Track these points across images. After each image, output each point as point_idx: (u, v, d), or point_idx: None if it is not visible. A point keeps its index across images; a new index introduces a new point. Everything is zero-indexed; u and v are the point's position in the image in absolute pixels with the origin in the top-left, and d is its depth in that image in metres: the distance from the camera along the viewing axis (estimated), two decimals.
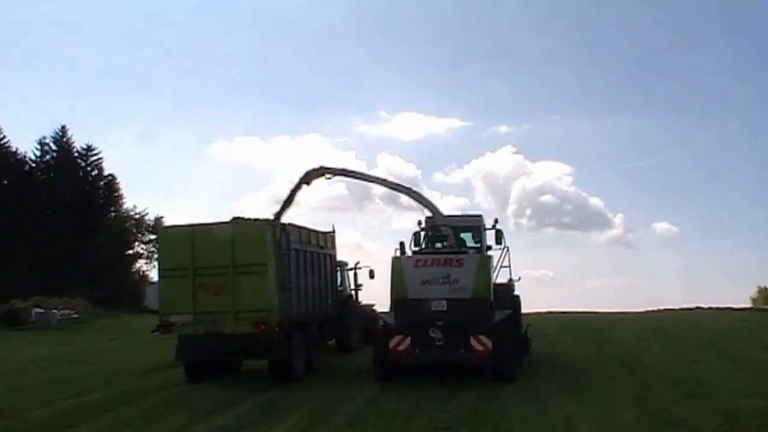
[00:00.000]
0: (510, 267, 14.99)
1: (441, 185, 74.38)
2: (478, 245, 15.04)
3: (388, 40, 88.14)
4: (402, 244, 14.33)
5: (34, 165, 48.11)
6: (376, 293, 18.79)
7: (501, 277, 14.86)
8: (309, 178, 15.45)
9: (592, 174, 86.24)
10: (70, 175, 47.62)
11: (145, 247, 51.01)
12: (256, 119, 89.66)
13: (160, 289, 13.71)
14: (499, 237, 15.04)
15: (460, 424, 9.57)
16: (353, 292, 19.62)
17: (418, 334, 12.66)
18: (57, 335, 27.82)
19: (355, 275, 19.67)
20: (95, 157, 49.48)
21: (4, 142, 46.44)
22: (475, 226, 15.38)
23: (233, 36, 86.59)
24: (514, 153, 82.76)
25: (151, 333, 14.18)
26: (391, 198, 71.38)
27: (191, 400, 11.99)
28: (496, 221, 15.33)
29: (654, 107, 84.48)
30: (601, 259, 79.67)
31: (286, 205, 15.31)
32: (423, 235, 15.06)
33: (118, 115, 79.12)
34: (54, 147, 48.56)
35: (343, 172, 15.96)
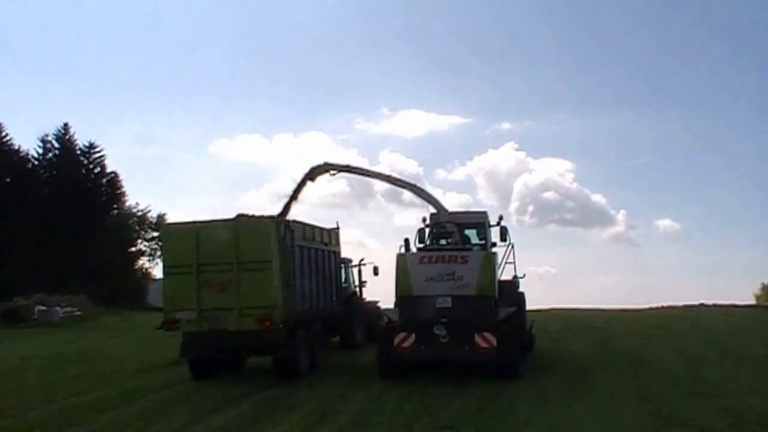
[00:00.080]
0: (515, 264, 14.96)
1: (443, 182, 74.26)
2: (482, 242, 14.96)
3: (390, 38, 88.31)
4: (407, 241, 14.29)
5: (36, 163, 48.24)
6: (380, 290, 18.81)
7: (506, 273, 14.84)
8: (313, 174, 15.39)
9: (594, 171, 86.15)
10: (73, 173, 47.73)
11: (147, 244, 51.19)
12: (258, 117, 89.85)
13: (165, 286, 13.66)
14: (504, 234, 14.96)
15: (464, 423, 9.49)
16: (357, 289, 19.59)
17: (422, 331, 12.58)
18: (59, 333, 27.82)
19: (359, 272, 19.66)
20: (97, 155, 49.71)
21: (7, 139, 46.61)
22: (479, 222, 15.28)
23: (235, 33, 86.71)
24: (517, 150, 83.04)
25: (156, 330, 14.14)
26: (393, 195, 71.48)
27: (193, 399, 11.92)
28: (501, 218, 15.27)
29: (656, 104, 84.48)
30: (603, 256, 79.81)
31: (290, 202, 15.27)
32: (427, 232, 14.95)
33: (121, 112, 79.33)
34: (56, 145, 48.73)
35: (348, 169, 15.91)
